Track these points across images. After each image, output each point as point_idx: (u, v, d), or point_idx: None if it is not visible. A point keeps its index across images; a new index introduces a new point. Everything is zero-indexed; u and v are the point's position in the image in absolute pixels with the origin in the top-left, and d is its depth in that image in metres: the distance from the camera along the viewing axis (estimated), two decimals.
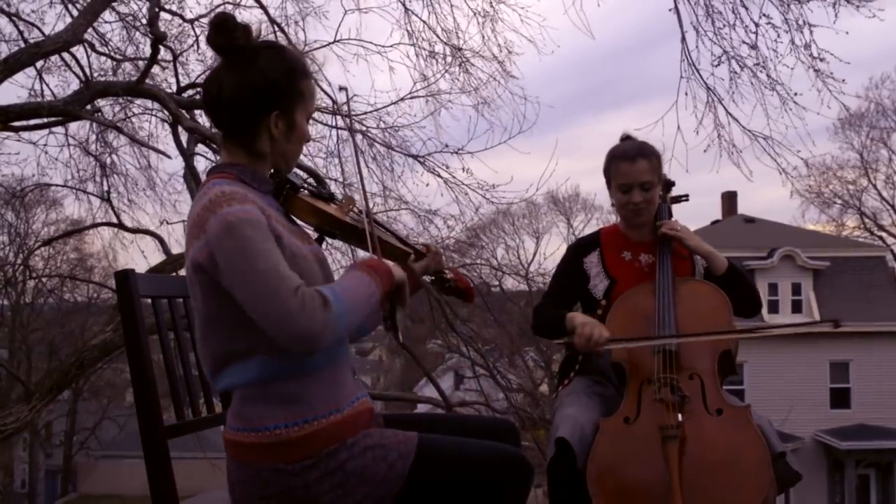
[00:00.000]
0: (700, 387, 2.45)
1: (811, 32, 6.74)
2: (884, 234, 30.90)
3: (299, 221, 1.99)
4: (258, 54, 1.86)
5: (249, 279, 1.69)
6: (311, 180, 2.13)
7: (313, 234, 2.02)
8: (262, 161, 1.91)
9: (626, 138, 2.84)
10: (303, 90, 1.91)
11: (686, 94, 6.94)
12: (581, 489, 2.37)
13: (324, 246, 2.05)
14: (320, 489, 1.78)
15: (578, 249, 2.86)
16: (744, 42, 6.91)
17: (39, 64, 7.54)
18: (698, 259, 2.79)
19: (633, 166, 2.69)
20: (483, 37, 8.70)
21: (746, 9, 6.83)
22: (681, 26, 6.87)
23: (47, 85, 8.14)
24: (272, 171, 1.96)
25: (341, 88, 2.48)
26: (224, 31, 1.84)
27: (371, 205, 2.34)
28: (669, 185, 2.94)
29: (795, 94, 6.92)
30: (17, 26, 7.70)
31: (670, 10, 6.84)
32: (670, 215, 2.87)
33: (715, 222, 27.87)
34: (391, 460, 1.82)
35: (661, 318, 2.56)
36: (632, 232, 2.82)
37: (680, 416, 2.35)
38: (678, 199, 2.97)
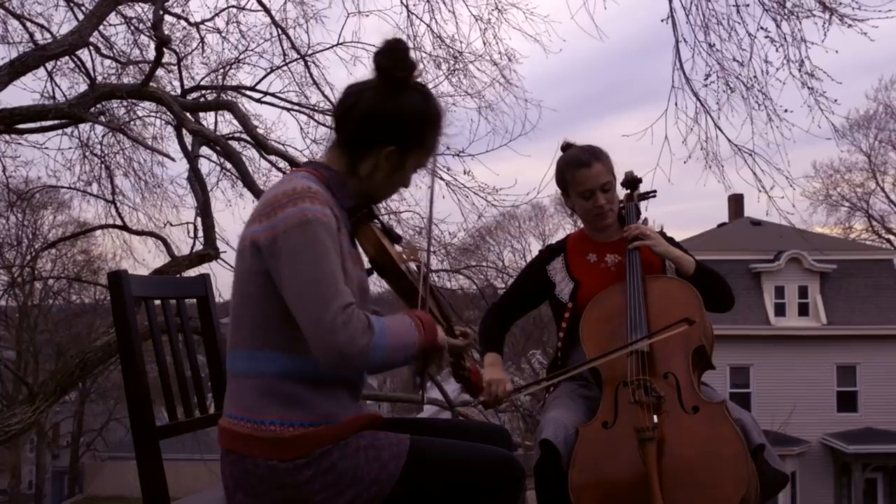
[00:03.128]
0: (675, 385, 2.44)
1: (800, 47, 6.72)
2: (891, 237, 30.78)
3: (359, 248, 2.02)
4: (408, 91, 1.92)
5: (305, 280, 1.73)
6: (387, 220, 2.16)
7: (366, 266, 2.04)
8: (354, 179, 1.95)
9: (568, 146, 2.85)
10: (427, 141, 1.97)
11: (675, 105, 6.93)
12: (567, 490, 2.37)
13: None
14: (312, 488, 1.80)
15: (544, 258, 2.90)
16: (735, 60, 6.90)
17: (50, 66, 7.56)
18: None
19: (590, 171, 2.72)
20: (484, 42, 8.68)
21: (743, 23, 6.82)
22: (675, 36, 6.86)
23: (58, 86, 8.14)
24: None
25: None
26: (393, 57, 1.90)
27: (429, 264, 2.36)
28: (636, 182, 2.95)
29: (786, 110, 6.89)
30: (26, 28, 7.72)
31: (664, 21, 6.84)
32: (638, 212, 2.88)
33: (721, 225, 27.80)
34: (383, 461, 1.84)
35: (633, 319, 2.57)
36: (597, 234, 2.84)
37: (655, 418, 2.34)
38: (646, 196, 2.97)
